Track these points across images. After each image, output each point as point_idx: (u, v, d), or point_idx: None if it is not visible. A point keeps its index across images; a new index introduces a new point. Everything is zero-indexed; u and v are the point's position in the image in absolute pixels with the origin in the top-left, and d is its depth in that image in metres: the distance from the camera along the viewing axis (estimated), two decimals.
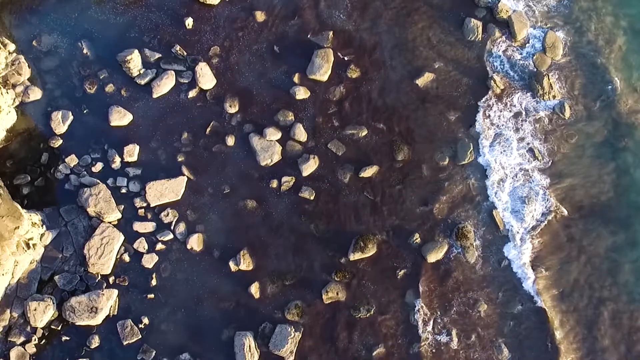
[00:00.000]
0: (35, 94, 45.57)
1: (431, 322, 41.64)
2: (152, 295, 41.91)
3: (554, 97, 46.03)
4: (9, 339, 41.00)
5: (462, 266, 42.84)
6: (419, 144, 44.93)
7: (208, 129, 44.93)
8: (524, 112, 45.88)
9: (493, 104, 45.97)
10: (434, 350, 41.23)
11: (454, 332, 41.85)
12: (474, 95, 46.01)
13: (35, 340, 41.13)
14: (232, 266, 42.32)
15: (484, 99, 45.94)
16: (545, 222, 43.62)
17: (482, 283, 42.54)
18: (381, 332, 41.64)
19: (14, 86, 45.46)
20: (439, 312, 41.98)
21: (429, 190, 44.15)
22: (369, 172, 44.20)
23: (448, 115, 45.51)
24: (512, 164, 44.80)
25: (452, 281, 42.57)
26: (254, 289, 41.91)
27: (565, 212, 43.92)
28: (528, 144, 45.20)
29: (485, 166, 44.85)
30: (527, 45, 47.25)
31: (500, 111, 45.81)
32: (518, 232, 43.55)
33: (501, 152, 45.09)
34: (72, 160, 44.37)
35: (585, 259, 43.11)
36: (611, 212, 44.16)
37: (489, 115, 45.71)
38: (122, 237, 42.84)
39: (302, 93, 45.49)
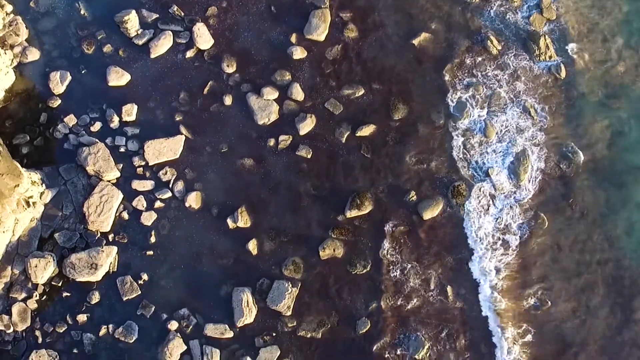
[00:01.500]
0: (33, 54, 45.73)
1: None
2: (151, 252, 42.38)
3: (550, 57, 46.18)
4: (10, 295, 41.53)
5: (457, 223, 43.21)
6: (416, 103, 45.20)
7: (206, 89, 45.17)
8: (520, 72, 46.00)
9: (489, 64, 46.09)
10: (434, 304, 41.61)
11: (449, 289, 42.36)
12: (470, 55, 46.09)
13: (36, 296, 41.64)
14: (230, 223, 42.75)
15: (480, 59, 46.04)
16: (540, 177, 43.91)
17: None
18: (378, 288, 42.06)
19: (11, 47, 45.60)
20: (435, 266, 42.44)
21: (425, 149, 44.46)
22: (365, 131, 44.50)
23: (444, 75, 45.64)
24: (508, 123, 44.99)
25: (448, 237, 42.98)
26: (252, 246, 42.39)
27: (560, 171, 44.18)
28: (524, 103, 45.38)
29: (481, 125, 45.03)
30: (523, 5, 47.29)
31: (496, 71, 45.96)
32: (512, 191, 43.90)
33: (497, 111, 45.27)
34: (70, 120, 44.64)
35: (579, 214, 43.43)
36: (605, 171, 44.44)
37: (486, 75, 45.86)
38: (121, 195, 43.25)
39: (299, 53, 45.66)
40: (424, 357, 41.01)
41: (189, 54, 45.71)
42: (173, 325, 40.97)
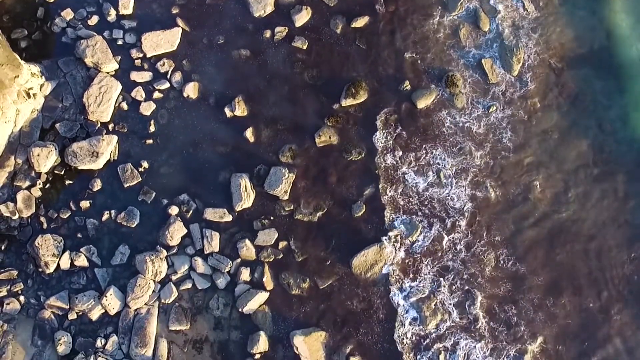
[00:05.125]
0: None
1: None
2: (150, 141, 43.24)
3: None
4: (14, 184, 42.50)
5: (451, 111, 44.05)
6: None
7: None
8: None
9: None
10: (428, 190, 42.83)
11: (441, 174, 43.33)
12: None
13: (39, 184, 42.62)
14: (228, 112, 43.52)
15: None
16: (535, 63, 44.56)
17: (471, 128, 43.85)
18: (372, 173, 43.07)
19: None
20: (432, 152, 43.37)
21: (419, 39, 45.00)
22: (360, 22, 44.92)
23: None
24: (501, 15, 45.35)
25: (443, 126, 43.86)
26: (249, 134, 43.24)
27: (554, 60, 44.74)
28: None
29: (475, 17, 45.36)
30: None
31: None
32: (504, 79, 44.59)
33: (492, 3, 45.54)
34: (67, 14, 44.97)
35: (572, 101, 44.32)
36: (600, 63, 45.03)
37: None
38: (119, 86, 43.89)
39: None
40: (418, 238, 42.12)
41: None
42: (173, 210, 42.05)
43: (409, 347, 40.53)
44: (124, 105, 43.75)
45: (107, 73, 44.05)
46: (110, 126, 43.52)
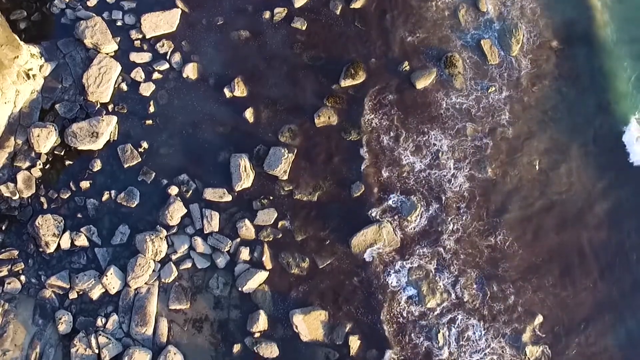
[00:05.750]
0: None
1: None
2: (150, 121, 43.34)
3: None
4: (14, 164, 42.60)
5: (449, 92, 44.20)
6: None
7: None
8: None
9: None
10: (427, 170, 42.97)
11: (440, 155, 43.43)
12: None
13: (40, 165, 42.72)
14: (227, 93, 43.61)
15: None
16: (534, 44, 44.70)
17: (469, 109, 43.97)
18: (370, 153, 43.19)
19: None
20: (430, 133, 43.48)
21: (418, 20, 45.05)
22: (359, 3, 45.07)
23: None
24: None
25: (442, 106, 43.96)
26: (249, 114, 43.34)
27: (554, 40, 44.87)
28: None
29: None
30: None
31: None
32: (503, 60, 44.70)
33: None
34: None
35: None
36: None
37: None
38: (119, 67, 43.96)
39: None
40: (417, 218, 42.29)
41: None
42: (173, 190, 42.19)
43: (407, 325, 40.72)
44: (124, 86, 43.84)
45: (107, 54, 44.12)
46: (110, 107, 43.63)
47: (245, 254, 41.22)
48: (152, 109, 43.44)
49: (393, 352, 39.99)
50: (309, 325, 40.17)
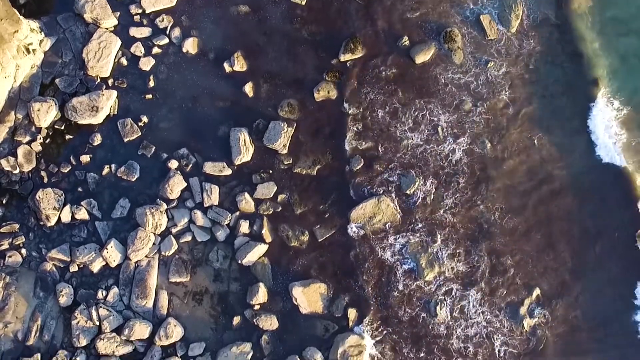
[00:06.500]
0: None
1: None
2: (150, 96, 43.43)
3: None
4: (15, 139, 42.75)
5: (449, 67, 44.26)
6: None
7: None
8: None
9: None
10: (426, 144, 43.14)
11: (439, 129, 43.56)
12: None
13: (40, 139, 42.86)
14: (227, 67, 43.67)
15: None
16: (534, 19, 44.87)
17: (469, 84, 44.10)
18: (370, 128, 43.29)
19: None
20: (429, 108, 43.60)
21: None
22: None
23: None
24: None
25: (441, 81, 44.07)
26: (248, 89, 43.42)
27: (554, 16, 44.93)
28: None
29: None
30: None
31: None
32: (503, 35, 44.73)
33: None
34: None
35: None
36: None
37: None
38: (119, 42, 44.00)
39: None
40: (415, 192, 42.44)
41: None
42: (173, 164, 42.33)
43: (405, 297, 40.96)
44: (124, 61, 43.90)
45: (107, 29, 44.17)
46: (110, 81, 43.70)
47: (244, 227, 41.41)
48: (151, 84, 43.51)
49: (390, 325, 40.26)
50: (309, 297, 40.41)
